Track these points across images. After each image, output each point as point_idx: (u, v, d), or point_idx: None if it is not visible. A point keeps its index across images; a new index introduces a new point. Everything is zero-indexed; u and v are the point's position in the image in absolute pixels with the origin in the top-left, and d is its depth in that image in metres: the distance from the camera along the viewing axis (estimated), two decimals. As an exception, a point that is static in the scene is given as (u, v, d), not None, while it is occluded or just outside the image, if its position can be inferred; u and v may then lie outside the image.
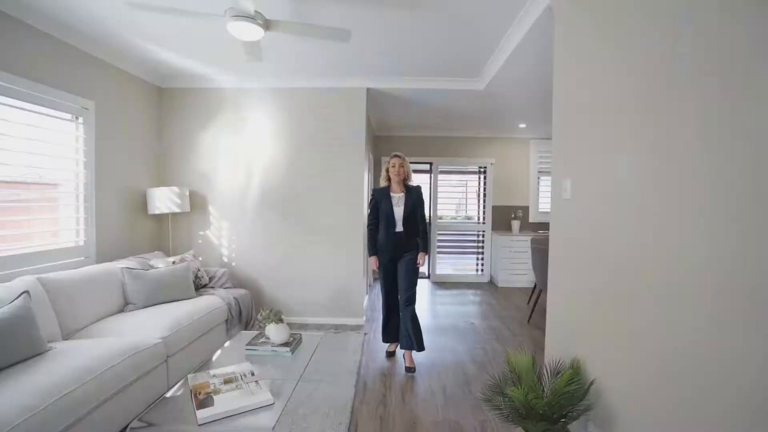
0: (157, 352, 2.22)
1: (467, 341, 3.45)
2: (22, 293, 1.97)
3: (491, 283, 5.91)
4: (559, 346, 1.92)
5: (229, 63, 3.36)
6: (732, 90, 0.97)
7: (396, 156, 2.96)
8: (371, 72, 3.54)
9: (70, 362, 1.79)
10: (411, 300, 2.90)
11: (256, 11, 2.06)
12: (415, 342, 2.84)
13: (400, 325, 2.96)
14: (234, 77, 3.70)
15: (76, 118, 2.90)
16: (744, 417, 0.94)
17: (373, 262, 3.00)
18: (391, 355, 3.09)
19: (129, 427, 1.46)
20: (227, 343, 2.34)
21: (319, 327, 3.71)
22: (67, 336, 2.29)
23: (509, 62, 2.98)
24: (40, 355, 1.87)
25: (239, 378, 1.76)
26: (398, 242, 2.91)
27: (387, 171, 2.99)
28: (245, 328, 3.37)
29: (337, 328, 3.68)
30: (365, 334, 3.56)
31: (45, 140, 2.66)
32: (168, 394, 1.69)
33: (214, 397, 1.60)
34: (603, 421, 1.55)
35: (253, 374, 1.80)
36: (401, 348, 2.96)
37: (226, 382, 1.72)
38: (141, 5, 2.21)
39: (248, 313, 3.45)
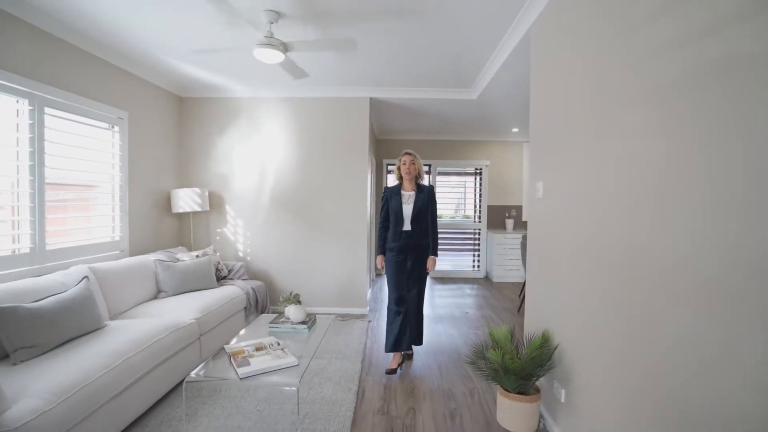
0: (192, 331, 2.59)
1: (462, 327, 3.81)
2: (83, 278, 2.34)
3: (486, 278, 6.28)
4: (534, 321, 2.29)
5: (245, 75, 3.72)
6: (671, 102, 1.33)
7: (407, 153, 2.87)
8: (374, 83, 3.90)
9: (126, 335, 2.16)
10: (421, 299, 2.92)
11: (276, 39, 2.43)
12: (417, 336, 2.90)
13: (401, 325, 2.80)
14: (249, 88, 4.07)
15: (113, 126, 3.27)
16: (654, 365, 1.29)
17: (379, 261, 2.94)
18: (392, 372, 2.73)
19: (185, 380, 1.83)
20: (252, 323, 2.71)
21: (326, 316, 4.07)
22: (113, 317, 2.66)
23: (497, 76, 3.34)
24: (100, 330, 2.24)
25: (267, 347, 2.13)
26: (407, 242, 2.81)
27: (398, 169, 2.90)
28: (262, 314, 3.73)
29: (344, 317, 4.04)
30: (369, 321, 3.94)
31: (88, 147, 3.02)
32: (210, 359, 2.06)
33: (249, 359, 1.97)
34: (563, 377, 1.91)
35: (279, 344, 2.16)
36: (397, 350, 2.81)
37: (257, 349, 2.09)
38: (192, 49, 2.57)
39: (263, 302, 3.82)
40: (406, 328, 2.79)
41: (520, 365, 1.95)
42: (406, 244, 2.82)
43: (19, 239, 2.48)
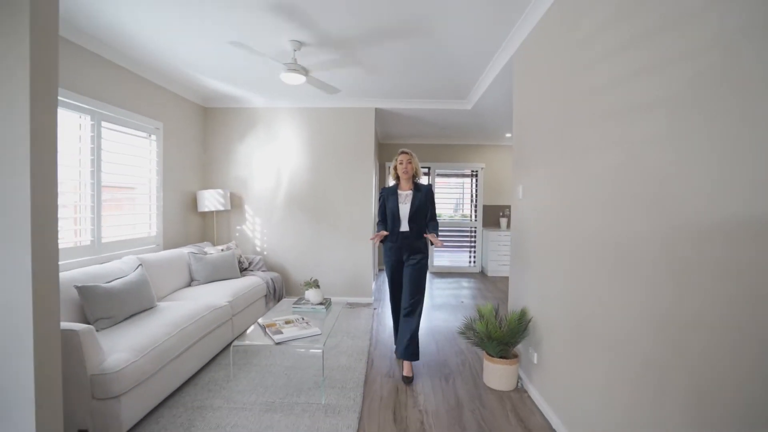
0: (226, 311, 3.05)
1: (457, 314, 4.26)
2: (138, 265, 2.80)
3: (482, 272, 6.73)
4: (515, 300, 2.74)
5: (263, 88, 4.17)
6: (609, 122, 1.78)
7: (404, 152, 2.79)
8: (379, 95, 4.35)
9: (177, 312, 2.61)
10: (415, 306, 2.68)
11: (299, 65, 2.89)
12: (412, 352, 2.67)
13: (399, 332, 2.76)
14: (266, 99, 4.52)
15: (150, 135, 3.73)
16: (592, 327, 1.73)
17: (379, 235, 2.76)
18: (409, 381, 2.60)
19: (233, 343, 2.29)
20: (277, 305, 3.16)
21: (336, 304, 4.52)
22: (159, 300, 3.11)
23: (489, 91, 3.79)
24: (153, 308, 2.69)
25: (294, 321, 2.58)
26: (404, 242, 2.72)
27: (395, 168, 2.83)
28: (278, 302, 4.19)
29: (352, 305, 4.50)
30: (374, 309, 4.40)
31: (131, 154, 3.48)
32: (248, 331, 2.51)
33: (281, 330, 2.42)
34: (536, 344, 2.35)
35: (303, 319, 2.62)
36: (399, 357, 2.80)
37: (287, 323, 2.54)
38: (224, 68, 3.03)
39: (280, 291, 4.28)
40: (400, 332, 2.76)
41: (501, 334, 2.40)
42: (403, 245, 2.73)
43: (80, 233, 2.94)
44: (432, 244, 2.69)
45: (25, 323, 1.19)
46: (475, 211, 6.88)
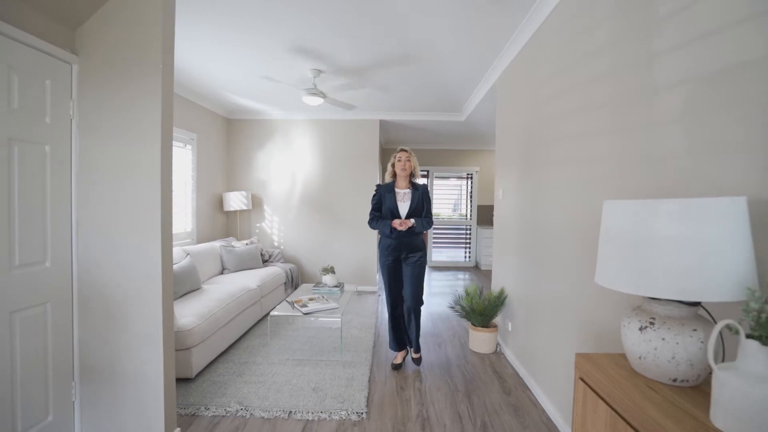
0: (256, 293, 3.66)
1: (451, 300, 4.86)
2: (187, 255, 3.41)
3: (476, 266, 7.34)
4: (497, 281, 3.34)
5: (282, 103, 4.77)
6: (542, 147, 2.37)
7: (402, 150, 2.78)
8: (383, 109, 4.96)
9: (219, 292, 3.22)
10: (419, 303, 2.79)
11: (318, 89, 3.50)
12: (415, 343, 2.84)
13: (409, 330, 2.85)
14: (283, 111, 5.13)
15: (186, 145, 4.34)
16: (541, 296, 2.33)
17: (406, 222, 2.68)
18: (397, 367, 2.81)
19: (270, 314, 2.90)
20: (299, 288, 3.77)
21: (346, 291, 5.13)
22: (203, 283, 3.72)
23: (479, 106, 4.39)
24: (200, 289, 3.30)
25: (316, 298, 3.19)
26: (402, 241, 2.72)
27: (393, 166, 2.80)
28: (294, 290, 4.80)
29: (359, 293, 5.10)
30: (379, 296, 5.00)
31: (175, 162, 4.08)
32: (279, 306, 3.12)
33: (307, 304, 3.03)
34: (510, 315, 2.95)
35: (323, 297, 3.23)
36: (404, 348, 2.89)
37: (310, 300, 3.15)
38: (249, 96, 3.65)
39: (297, 279, 4.89)
40: (405, 328, 2.85)
41: (483, 308, 3.01)
42: (400, 243, 2.73)
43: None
44: (400, 225, 2.64)
45: (157, 286, 1.80)
46: (470, 210, 7.48)
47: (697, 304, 0.93)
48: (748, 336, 0.74)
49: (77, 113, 1.80)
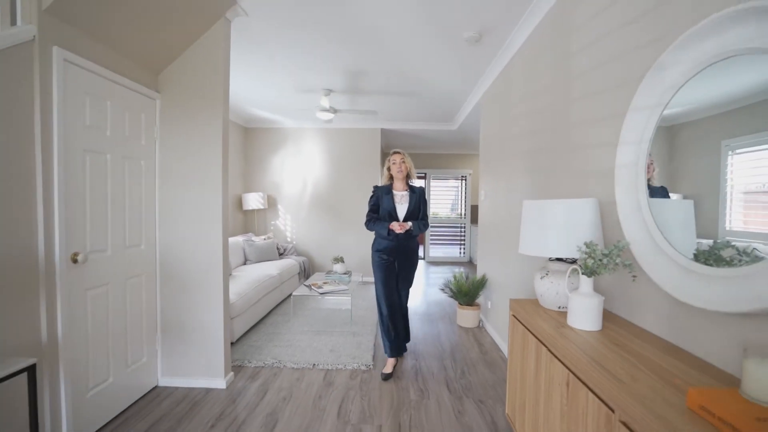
0: (277, 280, 4.29)
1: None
2: (220, 246, 4.04)
3: (470, 262, 7.97)
4: (481, 269, 3.97)
5: (294, 114, 5.40)
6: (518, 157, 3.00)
7: (396, 152, 2.81)
8: (384, 120, 5.59)
9: (248, 278, 3.85)
10: (407, 298, 2.93)
11: (331, 107, 4.14)
12: (405, 336, 2.91)
13: (396, 329, 2.79)
14: (295, 121, 5.76)
15: (212, 152, 4.97)
16: (506, 275, 2.95)
17: (404, 225, 2.67)
18: (388, 377, 2.64)
19: (292, 294, 3.54)
20: (312, 276, 4.41)
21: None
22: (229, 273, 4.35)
23: (468, 118, 5.02)
24: (231, 275, 3.94)
25: (329, 282, 3.82)
26: (400, 242, 2.72)
27: (388, 169, 2.82)
28: (307, 279, 5.43)
29: (363, 283, 5.73)
30: (380, 285, 5.63)
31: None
32: (298, 289, 3.76)
33: (323, 286, 3.67)
34: (490, 295, 3.58)
35: (335, 281, 3.86)
36: (392, 356, 2.76)
37: (324, 283, 3.79)
38: (265, 109, 4.29)
39: (308, 270, 5.53)
40: (399, 331, 2.83)
41: (468, 289, 3.64)
42: (397, 245, 2.73)
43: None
44: (399, 228, 2.64)
45: (219, 265, 2.44)
46: (465, 210, 8.12)
47: (574, 261, 1.57)
48: (583, 273, 1.37)
49: (159, 136, 2.44)
